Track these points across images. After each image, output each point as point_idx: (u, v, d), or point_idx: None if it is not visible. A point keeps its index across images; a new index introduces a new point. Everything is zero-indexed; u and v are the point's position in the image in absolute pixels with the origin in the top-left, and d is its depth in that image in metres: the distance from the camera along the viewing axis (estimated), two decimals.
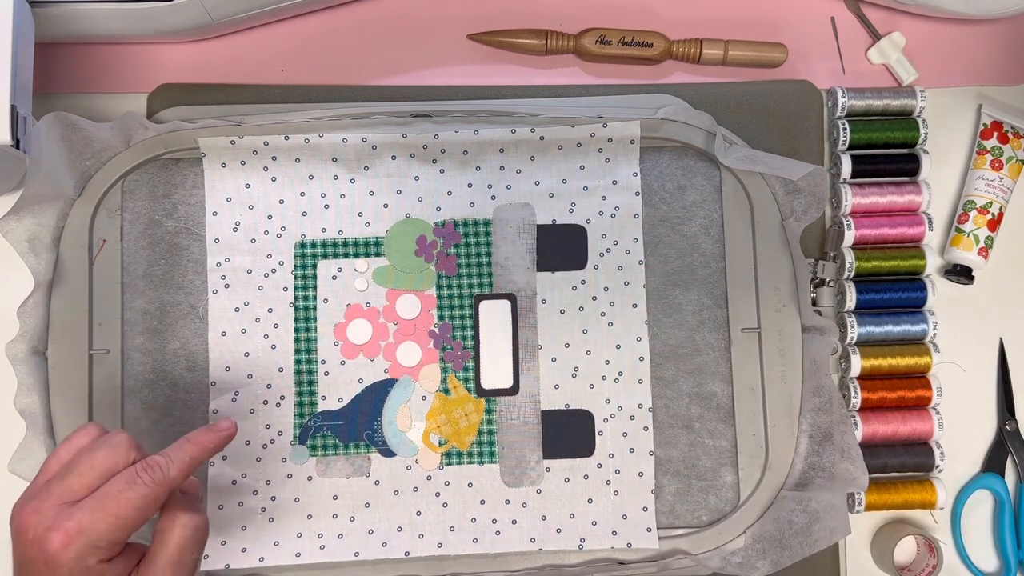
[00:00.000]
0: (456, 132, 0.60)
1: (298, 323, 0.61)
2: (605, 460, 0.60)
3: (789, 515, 0.58)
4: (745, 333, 0.61)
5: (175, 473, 0.44)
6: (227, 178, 0.61)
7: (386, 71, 0.65)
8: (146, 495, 0.42)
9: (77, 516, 0.41)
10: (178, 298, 0.61)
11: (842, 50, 0.66)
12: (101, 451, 0.43)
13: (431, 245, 0.61)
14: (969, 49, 0.67)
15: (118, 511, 0.41)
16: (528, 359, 0.61)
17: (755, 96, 0.64)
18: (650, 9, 0.66)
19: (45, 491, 0.42)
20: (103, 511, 0.41)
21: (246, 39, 0.65)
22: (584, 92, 0.64)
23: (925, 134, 0.63)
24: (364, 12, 0.66)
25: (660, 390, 0.61)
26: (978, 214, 0.64)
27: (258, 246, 0.61)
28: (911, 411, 0.62)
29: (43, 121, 0.56)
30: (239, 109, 0.62)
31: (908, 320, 0.62)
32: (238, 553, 0.58)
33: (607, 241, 0.62)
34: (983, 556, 0.64)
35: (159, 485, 0.43)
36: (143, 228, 0.61)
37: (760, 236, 0.61)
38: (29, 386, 0.58)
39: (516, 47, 0.64)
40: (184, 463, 0.45)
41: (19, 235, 0.58)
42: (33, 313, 0.59)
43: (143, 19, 0.60)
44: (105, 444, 0.44)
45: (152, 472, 0.43)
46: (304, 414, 0.60)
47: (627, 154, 0.62)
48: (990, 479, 0.63)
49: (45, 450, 0.58)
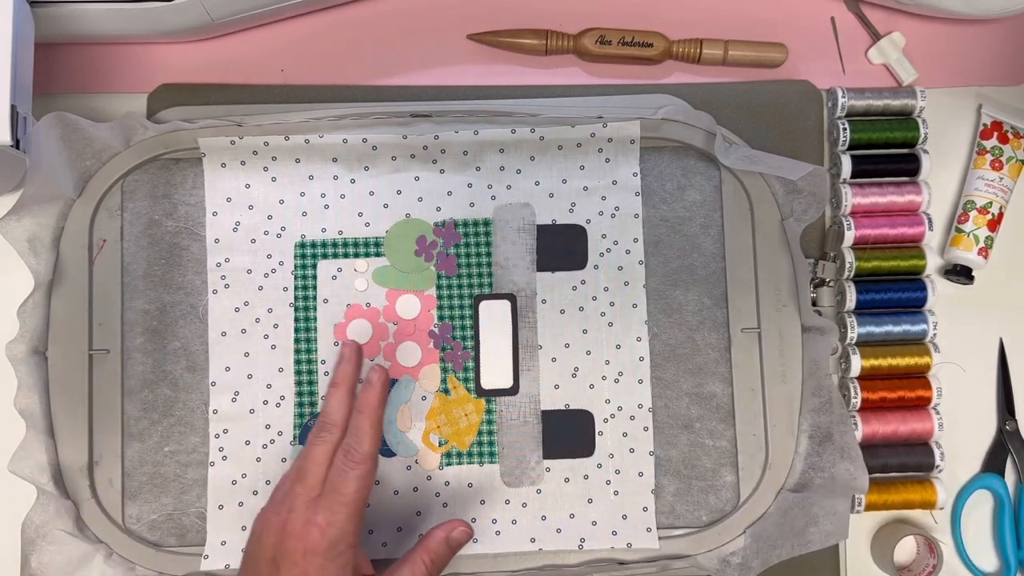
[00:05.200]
0: (456, 132, 0.60)
1: (298, 323, 0.61)
2: (605, 460, 0.60)
3: (790, 516, 0.58)
4: (745, 333, 0.61)
5: (368, 447, 0.50)
6: (227, 178, 0.61)
7: (386, 71, 0.65)
8: (357, 477, 0.49)
9: (321, 511, 0.48)
10: (178, 298, 0.61)
11: (842, 50, 0.66)
12: (317, 447, 0.50)
13: (431, 245, 0.61)
14: (969, 49, 0.67)
15: (346, 499, 0.48)
16: (528, 359, 0.61)
17: (755, 96, 0.64)
18: (650, 9, 0.66)
19: (292, 493, 0.49)
20: (338, 503, 0.48)
21: (246, 39, 0.65)
22: (584, 92, 0.64)
23: (925, 134, 0.63)
24: (364, 12, 0.66)
25: (660, 390, 0.61)
26: (978, 214, 0.64)
27: (258, 246, 0.61)
28: (911, 411, 0.62)
29: (43, 121, 0.56)
30: (239, 109, 0.62)
31: (908, 320, 0.62)
32: (238, 553, 0.58)
33: (607, 241, 0.62)
34: (983, 556, 0.64)
35: (361, 463, 0.49)
36: (143, 228, 0.61)
37: (760, 236, 0.61)
38: (29, 386, 0.58)
39: (516, 47, 0.64)
40: (369, 434, 0.50)
41: (19, 235, 0.58)
42: (33, 313, 0.59)
43: (143, 19, 0.60)
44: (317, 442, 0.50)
45: (352, 456, 0.49)
46: (304, 414, 0.60)
47: (627, 154, 0.62)
48: (990, 479, 0.63)
49: (45, 450, 0.58)
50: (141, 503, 0.59)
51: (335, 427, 0.51)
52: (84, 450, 0.58)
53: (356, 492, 0.49)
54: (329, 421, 0.51)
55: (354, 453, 0.49)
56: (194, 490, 0.59)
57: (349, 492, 0.48)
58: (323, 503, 0.48)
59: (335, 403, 0.52)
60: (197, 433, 0.60)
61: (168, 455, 0.59)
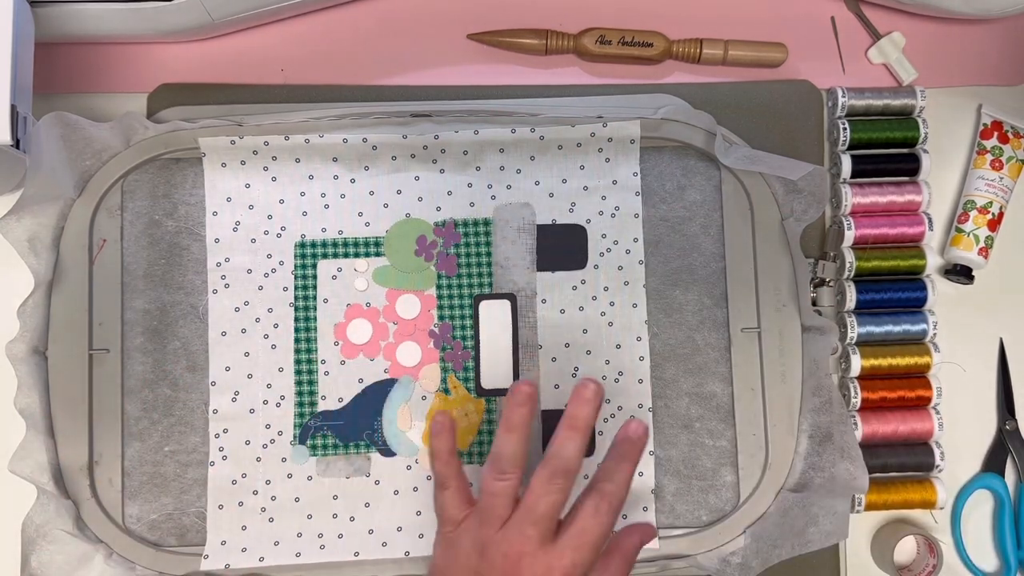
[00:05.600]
0: (456, 132, 0.60)
1: (298, 323, 0.61)
2: None
3: (790, 516, 0.58)
4: (745, 333, 0.61)
5: (623, 494, 0.48)
6: (227, 178, 0.61)
7: (386, 71, 0.65)
8: (609, 523, 0.47)
9: (568, 555, 0.45)
10: (178, 298, 0.61)
11: (842, 50, 0.66)
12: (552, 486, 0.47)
13: (431, 245, 0.61)
14: (969, 49, 0.67)
15: (594, 541, 0.46)
16: (528, 359, 0.61)
17: (755, 96, 0.64)
18: (650, 9, 0.66)
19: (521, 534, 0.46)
20: (586, 546, 0.46)
21: (246, 39, 0.65)
22: (584, 92, 0.64)
23: (925, 134, 0.63)
24: (364, 12, 0.66)
25: (660, 390, 0.61)
26: (978, 214, 0.64)
27: (258, 246, 0.61)
28: (911, 411, 0.62)
29: (43, 121, 0.56)
30: (239, 109, 0.62)
31: (908, 320, 0.62)
32: (238, 553, 0.58)
33: (607, 241, 0.62)
34: (983, 556, 0.64)
35: (615, 511, 0.47)
36: (143, 228, 0.61)
37: (760, 236, 0.61)
38: (29, 386, 0.58)
39: (516, 47, 0.64)
40: (624, 482, 0.48)
41: (19, 235, 0.58)
42: (33, 313, 0.59)
43: (143, 19, 0.60)
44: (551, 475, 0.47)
45: (610, 500, 0.47)
46: (304, 414, 0.60)
47: (627, 154, 0.62)
48: (990, 479, 0.63)
49: (45, 450, 0.58)
50: (141, 503, 0.59)
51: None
52: (84, 450, 0.58)
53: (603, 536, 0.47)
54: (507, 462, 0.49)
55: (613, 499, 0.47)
56: (194, 490, 0.59)
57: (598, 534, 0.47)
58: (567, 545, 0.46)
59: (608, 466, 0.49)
60: (197, 433, 0.60)
61: (168, 455, 0.59)
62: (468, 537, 0.48)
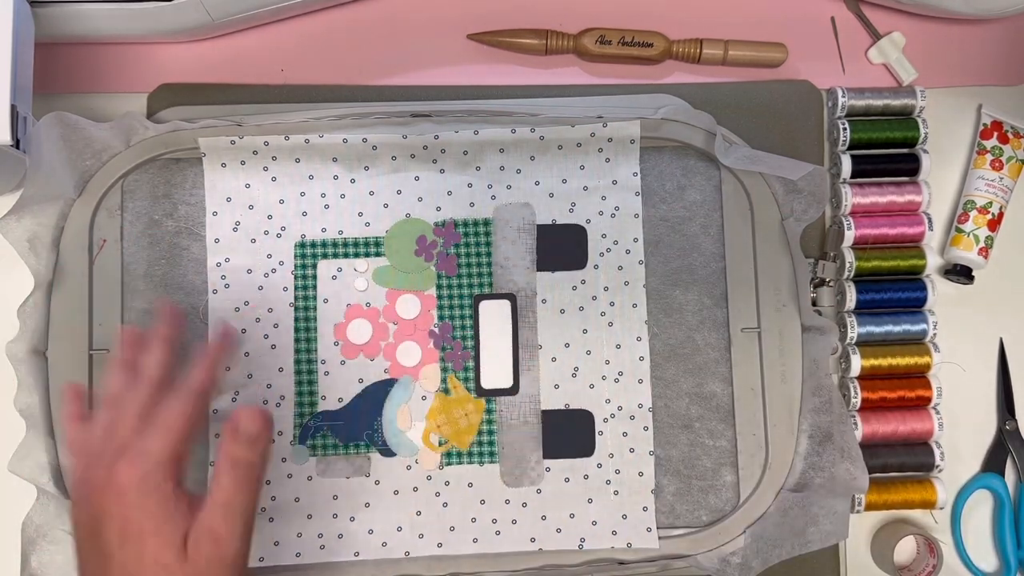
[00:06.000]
0: (456, 132, 0.60)
1: (298, 323, 0.61)
2: (605, 460, 0.60)
3: (790, 516, 0.58)
4: (745, 333, 0.61)
5: (197, 375, 0.48)
6: (227, 178, 0.61)
7: (386, 71, 0.65)
8: (183, 401, 0.46)
9: (132, 444, 0.44)
10: (178, 298, 0.61)
11: (842, 50, 0.66)
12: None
13: (431, 245, 0.61)
14: (969, 49, 0.67)
15: (166, 424, 0.45)
16: (528, 359, 0.61)
17: (755, 96, 0.64)
18: (650, 9, 0.66)
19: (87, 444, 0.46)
20: (153, 430, 0.45)
21: (246, 39, 0.65)
22: (584, 92, 0.64)
23: (925, 134, 0.63)
24: (364, 12, 0.66)
25: (660, 390, 0.61)
26: (978, 214, 0.64)
27: (258, 246, 0.61)
28: (911, 411, 0.62)
29: (43, 121, 0.56)
30: (239, 109, 0.62)
31: (908, 320, 0.62)
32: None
33: (607, 241, 0.62)
34: (983, 556, 0.64)
35: (189, 391, 0.47)
36: (143, 228, 0.61)
37: (760, 236, 0.61)
38: (29, 386, 0.58)
39: (516, 47, 0.64)
40: (198, 365, 0.49)
41: (19, 235, 0.58)
42: (33, 313, 0.59)
43: (143, 19, 0.60)
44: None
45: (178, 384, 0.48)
46: (304, 414, 0.60)
47: (627, 154, 0.62)
48: (990, 479, 0.63)
49: (45, 450, 0.58)
50: None
51: None
52: None
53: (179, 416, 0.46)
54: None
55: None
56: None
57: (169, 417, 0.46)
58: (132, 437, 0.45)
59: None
60: (197, 433, 0.60)
61: None
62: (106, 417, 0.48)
